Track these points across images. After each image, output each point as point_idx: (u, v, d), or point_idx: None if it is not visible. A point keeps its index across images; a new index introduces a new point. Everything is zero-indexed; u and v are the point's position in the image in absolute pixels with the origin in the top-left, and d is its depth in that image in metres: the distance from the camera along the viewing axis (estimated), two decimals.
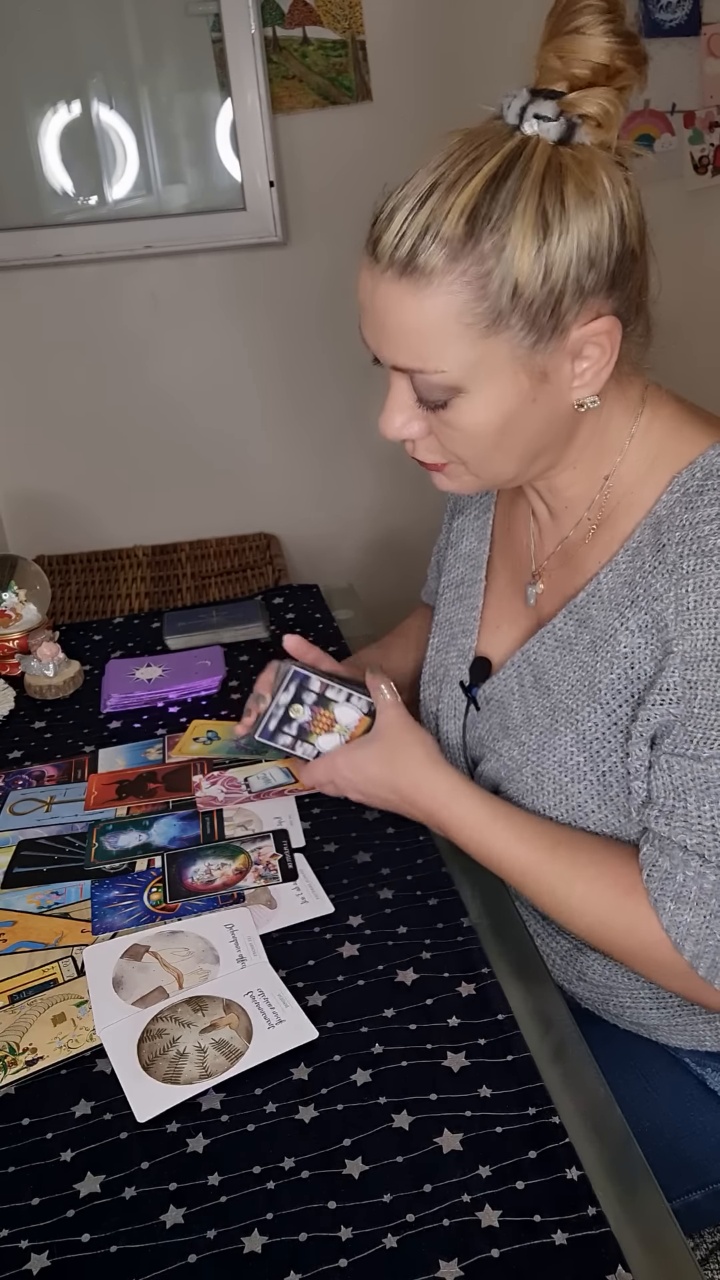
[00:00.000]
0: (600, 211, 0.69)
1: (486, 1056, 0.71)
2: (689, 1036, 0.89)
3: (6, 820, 1.03)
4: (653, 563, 0.76)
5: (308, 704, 0.94)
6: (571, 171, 0.69)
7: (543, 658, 0.86)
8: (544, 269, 0.69)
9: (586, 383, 0.75)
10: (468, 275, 0.69)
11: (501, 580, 0.96)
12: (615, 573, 0.80)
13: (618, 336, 0.73)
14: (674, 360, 0.83)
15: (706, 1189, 0.88)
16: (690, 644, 0.73)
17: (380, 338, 0.75)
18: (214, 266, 2.08)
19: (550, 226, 0.68)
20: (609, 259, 0.71)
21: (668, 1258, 0.59)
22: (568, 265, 0.69)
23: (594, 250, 0.70)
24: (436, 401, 0.75)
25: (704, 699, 0.73)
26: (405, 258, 0.70)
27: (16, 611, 1.38)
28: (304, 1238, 0.60)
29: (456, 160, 0.69)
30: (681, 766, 0.74)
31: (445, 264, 0.69)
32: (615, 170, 0.71)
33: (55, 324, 2.09)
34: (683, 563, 0.74)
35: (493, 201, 0.68)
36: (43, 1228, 0.63)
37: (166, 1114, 0.69)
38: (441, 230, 0.68)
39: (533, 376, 0.73)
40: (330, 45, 1.95)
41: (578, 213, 0.69)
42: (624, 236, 0.71)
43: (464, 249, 0.69)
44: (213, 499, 2.23)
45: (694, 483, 0.76)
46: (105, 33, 1.94)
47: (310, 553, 2.24)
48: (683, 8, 2.04)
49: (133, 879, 0.92)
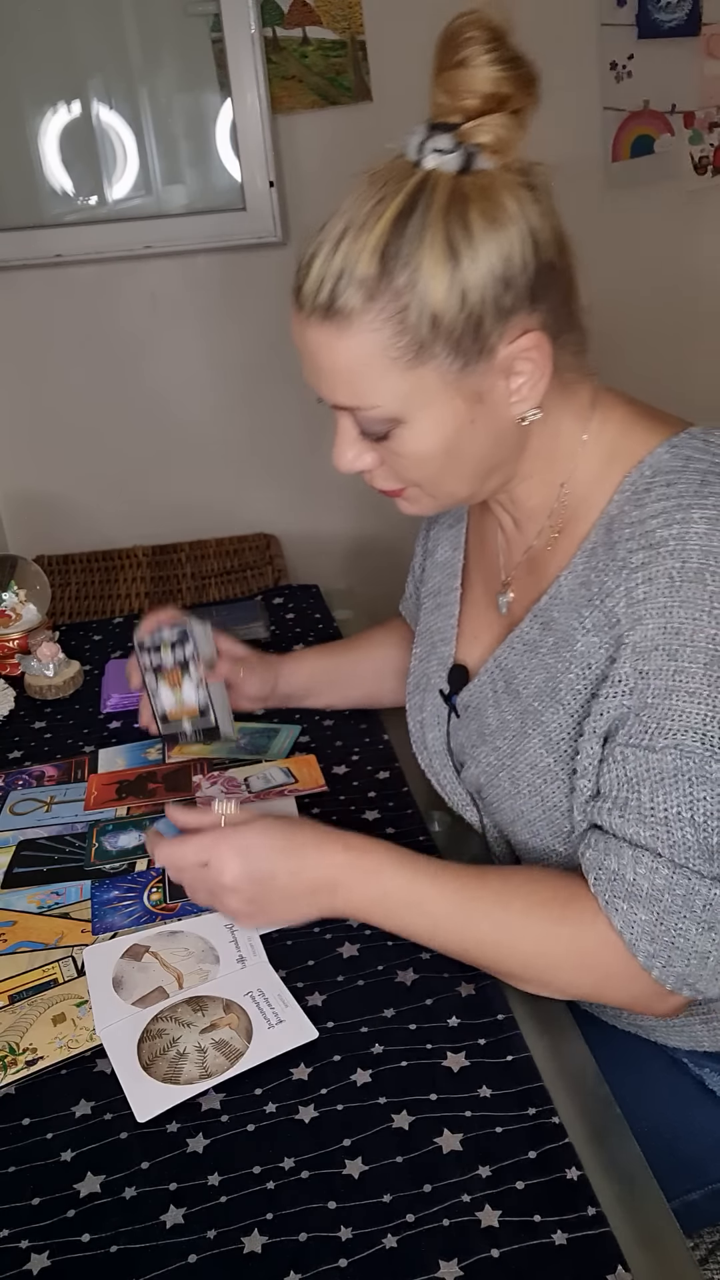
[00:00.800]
0: (508, 233, 0.71)
1: (486, 1056, 0.71)
2: (686, 1037, 0.90)
3: (6, 820, 1.03)
4: (605, 560, 0.77)
5: (176, 657, 1.05)
6: (474, 199, 0.70)
7: (512, 663, 0.87)
8: (459, 296, 0.70)
9: (524, 397, 0.77)
10: (386, 312, 0.71)
11: (477, 589, 0.97)
12: (573, 574, 0.81)
13: (547, 349, 0.75)
14: (674, 359, 0.84)
15: (705, 1189, 0.88)
16: (641, 634, 0.73)
17: (317, 379, 0.78)
18: (214, 266, 2.08)
19: (459, 254, 0.70)
20: (525, 276, 0.72)
21: (667, 1257, 0.59)
22: (482, 289, 0.71)
23: (507, 271, 0.71)
24: (379, 434, 0.77)
25: (656, 688, 0.73)
26: (325, 302, 0.72)
27: (16, 611, 1.38)
28: (304, 1238, 0.60)
29: (364, 201, 0.71)
30: (635, 757, 0.73)
31: (363, 304, 0.71)
32: (521, 190, 0.72)
33: (55, 324, 2.09)
34: (631, 557, 0.75)
35: (401, 238, 0.70)
36: (43, 1228, 0.63)
37: (166, 1114, 0.69)
38: (355, 272, 0.71)
39: (467, 399, 0.75)
40: (330, 45, 1.95)
41: (485, 238, 0.70)
42: (538, 252, 0.72)
43: (379, 287, 0.71)
44: (213, 499, 2.23)
45: (643, 481, 0.77)
46: (105, 33, 1.94)
47: (310, 553, 2.24)
48: (683, 8, 2.03)
49: (133, 879, 0.92)
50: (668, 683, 0.72)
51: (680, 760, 0.71)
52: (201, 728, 1.06)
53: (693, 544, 0.72)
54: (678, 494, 0.74)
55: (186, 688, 1.05)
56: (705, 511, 0.72)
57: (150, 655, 1.05)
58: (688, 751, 0.71)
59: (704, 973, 0.72)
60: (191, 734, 1.06)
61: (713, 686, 0.71)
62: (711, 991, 0.74)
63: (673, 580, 0.72)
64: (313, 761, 1.08)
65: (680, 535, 0.72)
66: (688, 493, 0.74)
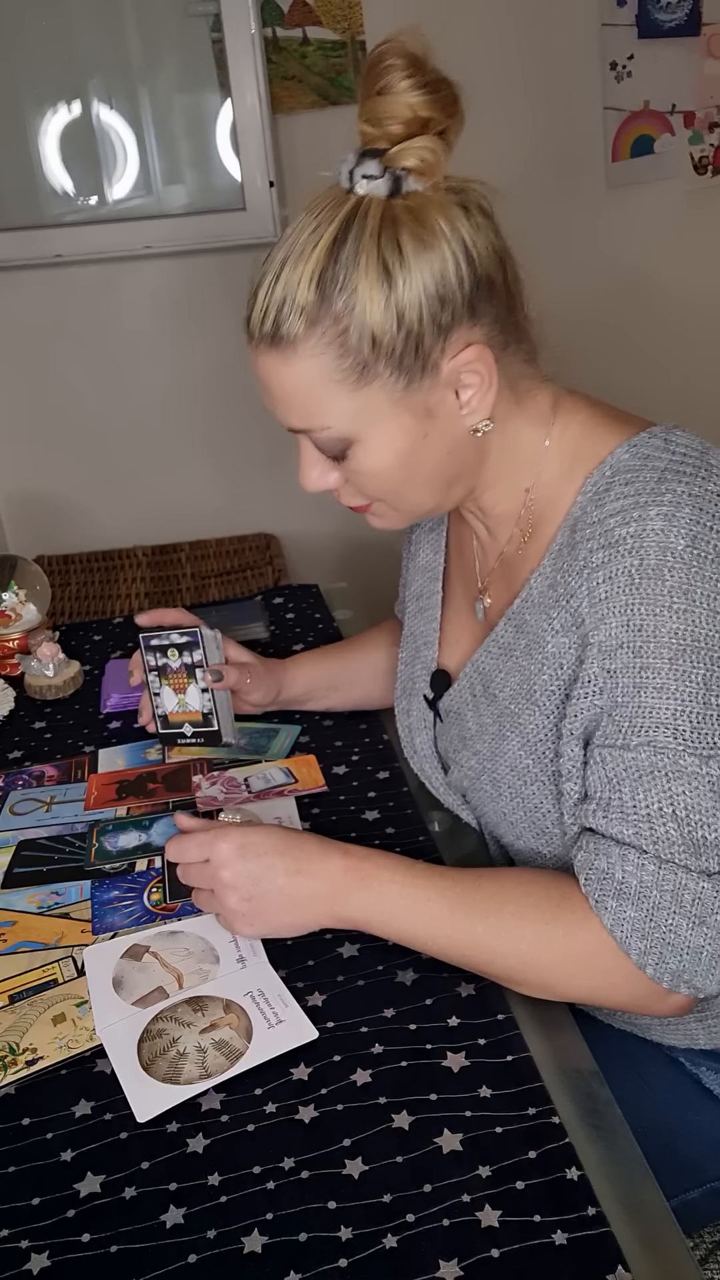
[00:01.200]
0: (440, 251, 0.73)
1: (486, 1056, 0.71)
2: (682, 1035, 0.90)
3: (6, 820, 1.03)
4: (569, 561, 0.78)
5: (184, 660, 1.04)
6: (404, 222, 0.72)
7: (489, 667, 0.87)
8: (395, 316, 0.72)
9: (474, 409, 0.78)
10: (327, 336, 0.73)
11: (457, 594, 0.98)
12: (542, 577, 0.82)
13: (490, 360, 0.76)
14: (675, 358, 0.84)
15: (704, 1187, 0.88)
16: (605, 633, 0.74)
17: (272, 404, 0.80)
18: (214, 266, 2.08)
19: (393, 276, 0.72)
20: (461, 291, 0.74)
21: (667, 1257, 0.59)
22: (418, 307, 0.73)
23: (441, 288, 0.73)
24: (336, 454, 0.80)
25: (624, 686, 0.73)
26: (270, 331, 0.75)
27: (16, 611, 1.38)
28: (304, 1238, 0.60)
29: (301, 230, 0.74)
30: (613, 758, 0.74)
31: (305, 330, 0.74)
32: (453, 209, 0.74)
33: (55, 324, 2.09)
34: (592, 557, 0.75)
35: (336, 264, 0.72)
36: (43, 1228, 0.63)
37: (166, 1114, 0.69)
38: (296, 299, 0.73)
39: (416, 415, 0.77)
40: (330, 45, 1.95)
41: (417, 258, 0.72)
42: (474, 268, 0.74)
43: (319, 313, 0.73)
44: (212, 499, 2.23)
45: (603, 481, 0.77)
46: (105, 33, 1.94)
47: (310, 553, 2.24)
48: (683, 8, 2.04)
49: (133, 879, 0.92)
50: (635, 680, 0.73)
51: (655, 757, 0.72)
52: (203, 731, 1.06)
53: (650, 540, 0.72)
54: (635, 492, 0.74)
55: (191, 692, 1.05)
56: (661, 508, 0.73)
57: (156, 656, 1.05)
58: (661, 747, 0.71)
59: (699, 968, 0.72)
60: (192, 737, 1.07)
61: (679, 681, 0.71)
62: (710, 988, 0.73)
63: (632, 578, 0.73)
64: (313, 761, 1.08)
65: (638, 533, 0.73)
66: (645, 490, 0.74)
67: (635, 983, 0.73)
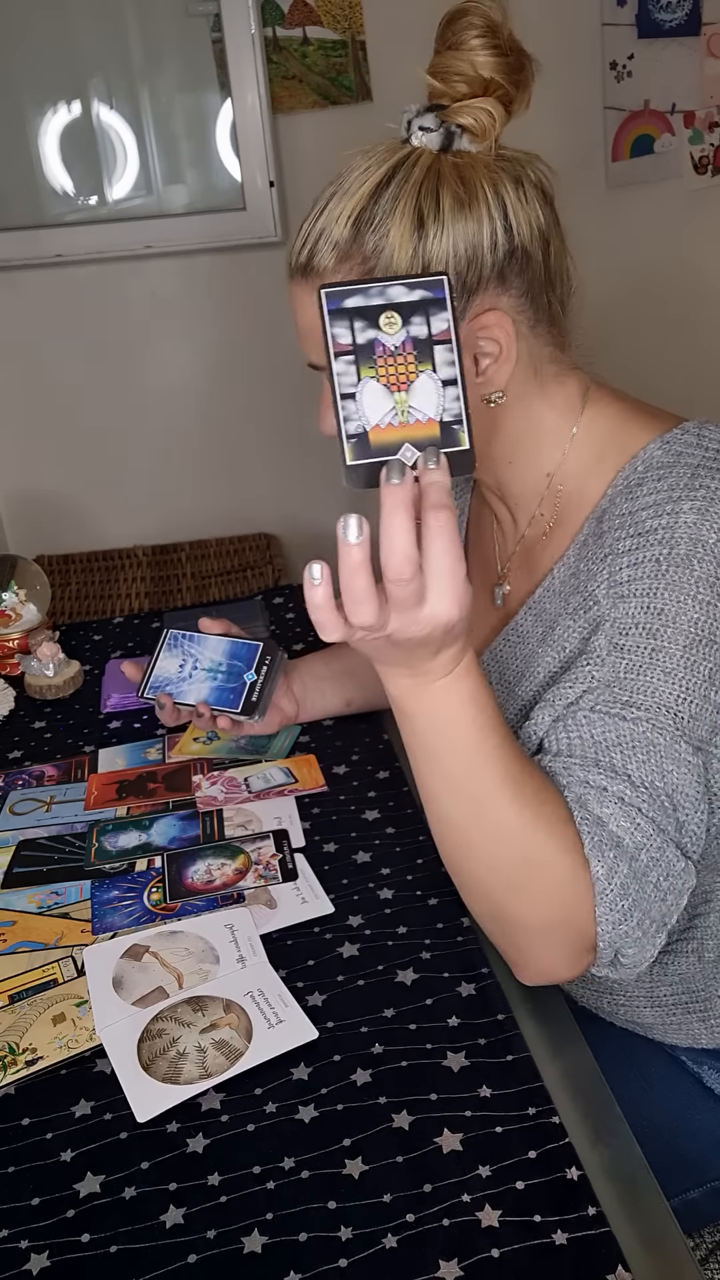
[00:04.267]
0: (478, 214, 0.74)
1: (486, 1056, 0.71)
2: (684, 1034, 0.90)
3: (6, 820, 1.03)
4: (593, 550, 0.79)
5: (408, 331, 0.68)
6: (448, 179, 0.74)
7: (506, 654, 0.88)
8: (421, 266, 0.74)
9: (489, 378, 0.78)
10: (354, 273, 0.76)
11: (475, 583, 0.98)
12: (565, 566, 0.82)
13: (510, 331, 0.77)
14: (676, 358, 0.85)
15: (705, 1187, 0.88)
16: (622, 611, 0.74)
17: (300, 338, 0.81)
18: (214, 266, 2.09)
19: (425, 228, 0.74)
20: (493, 258, 0.75)
21: (668, 1257, 0.59)
22: (444, 263, 0.74)
23: (471, 251, 0.75)
24: None
25: (630, 664, 0.73)
26: (304, 262, 0.78)
27: (16, 611, 1.38)
28: (304, 1238, 0.60)
29: (352, 170, 0.76)
30: (603, 723, 0.73)
31: (334, 265, 0.76)
32: (501, 177, 0.75)
33: (55, 324, 2.09)
34: (619, 544, 0.76)
35: (375, 205, 0.74)
36: (43, 1228, 0.63)
37: (166, 1114, 0.69)
38: (331, 234, 0.76)
39: None
40: (330, 45, 1.95)
41: (453, 215, 0.74)
42: (511, 237, 0.75)
43: (350, 249, 0.75)
44: (212, 499, 2.23)
45: (635, 475, 0.78)
46: (105, 33, 1.94)
47: (310, 553, 2.24)
48: (683, 8, 2.04)
49: (133, 879, 0.92)
50: (644, 659, 0.73)
51: (652, 734, 0.71)
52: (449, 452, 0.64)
53: (681, 533, 0.73)
54: (668, 487, 0.75)
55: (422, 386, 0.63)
56: (695, 503, 0.73)
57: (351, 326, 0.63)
58: (659, 727, 0.71)
59: (641, 938, 0.70)
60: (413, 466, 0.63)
61: (689, 669, 0.72)
62: (629, 961, 0.71)
63: (659, 565, 0.73)
64: (313, 761, 1.08)
65: (669, 525, 0.73)
66: (678, 485, 0.74)
67: (578, 930, 0.70)
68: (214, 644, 1.05)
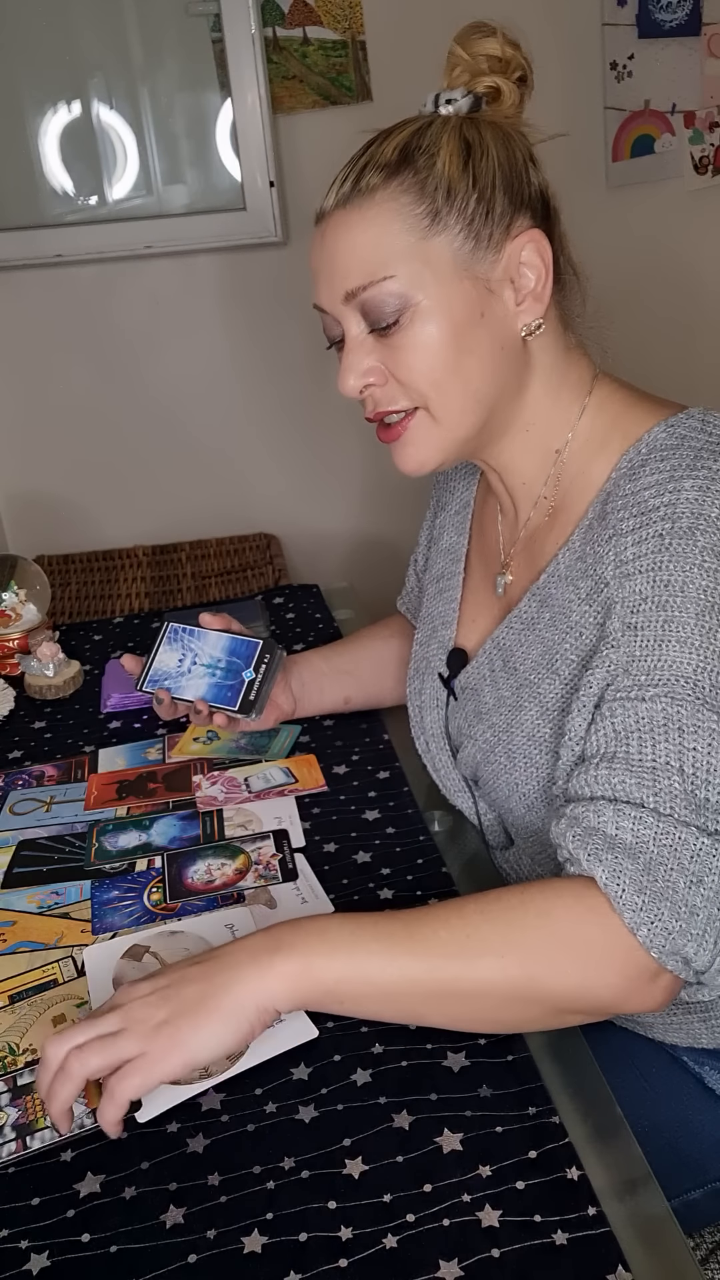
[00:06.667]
0: (514, 147, 0.81)
1: (486, 1056, 0.71)
2: (685, 1034, 0.89)
3: (6, 820, 1.03)
4: (598, 532, 0.79)
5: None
6: (484, 123, 0.81)
7: (510, 641, 0.88)
8: (472, 177, 0.78)
9: (528, 307, 0.81)
10: (405, 184, 0.78)
11: (477, 575, 0.99)
12: (571, 551, 0.83)
13: (549, 253, 0.80)
14: (676, 357, 0.86)
15: (705, 1187, 0.88)
16: (630, 589, 0.74)
17: (332, 277, 0.81)
18: (214, 266, 2.08)
19: (472, 148, 0.79)
20: (527, 189, 0.81)
21: (668, 1257, 0.59)
22: (492, 177, 0.79)
23: (511, 174, 0.80)
24: (388, 320, 0.80)
25: (645, 640, 0.73)
26: (348, 191, 0.79)
27: (16, 611, 1.38)
28: (304, 1238, 0.60)
29: (384, 130, 0.81)
30: (624, 710, 0.72)
31: (383, 181, 0.78)
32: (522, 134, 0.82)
33: (55, 324, 2.09)
34: (622, 524, 0.76)
35: (421, 138, 0.79)
36: (43, 1228, 0.63)
37: (166, 1114, 0.69)
38: (377, 160, 0.79)
39: (476, 286, 0.80)
40: (330, 45, 1.95)
41: (495, 144, 0.80)
42: (535, 176, 0.82)
43: (400, 168, 0.78)
44: (213, 499, 2.23)
45: (639, 458, 0.79)
46: (105, 33, 1.94)
47: (310, 553, 2.24)
48: (683, 8, 2.03)
49: (133, 879, 0.92)
50: (658, 633, 0.73)
51: (671, 708, 0.71)
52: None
53: (683, 508, 0.74)
54: (670, 468, 0.76)
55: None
56: (696, 480, 0.74)
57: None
58: (679, 699, 0.71)
59: (693, 932, 0.67)
60: None
61: (704, 636, 0.71)
62: (701, 961, 0.68)
63: (663, 538, 0.74)
64: (313, 761, 1.08)
65: (671, 501, 0.74)
66: (681, 466, 0.76)
67: (625, 956, 0.67)
68: (214, 640, 1.05)
